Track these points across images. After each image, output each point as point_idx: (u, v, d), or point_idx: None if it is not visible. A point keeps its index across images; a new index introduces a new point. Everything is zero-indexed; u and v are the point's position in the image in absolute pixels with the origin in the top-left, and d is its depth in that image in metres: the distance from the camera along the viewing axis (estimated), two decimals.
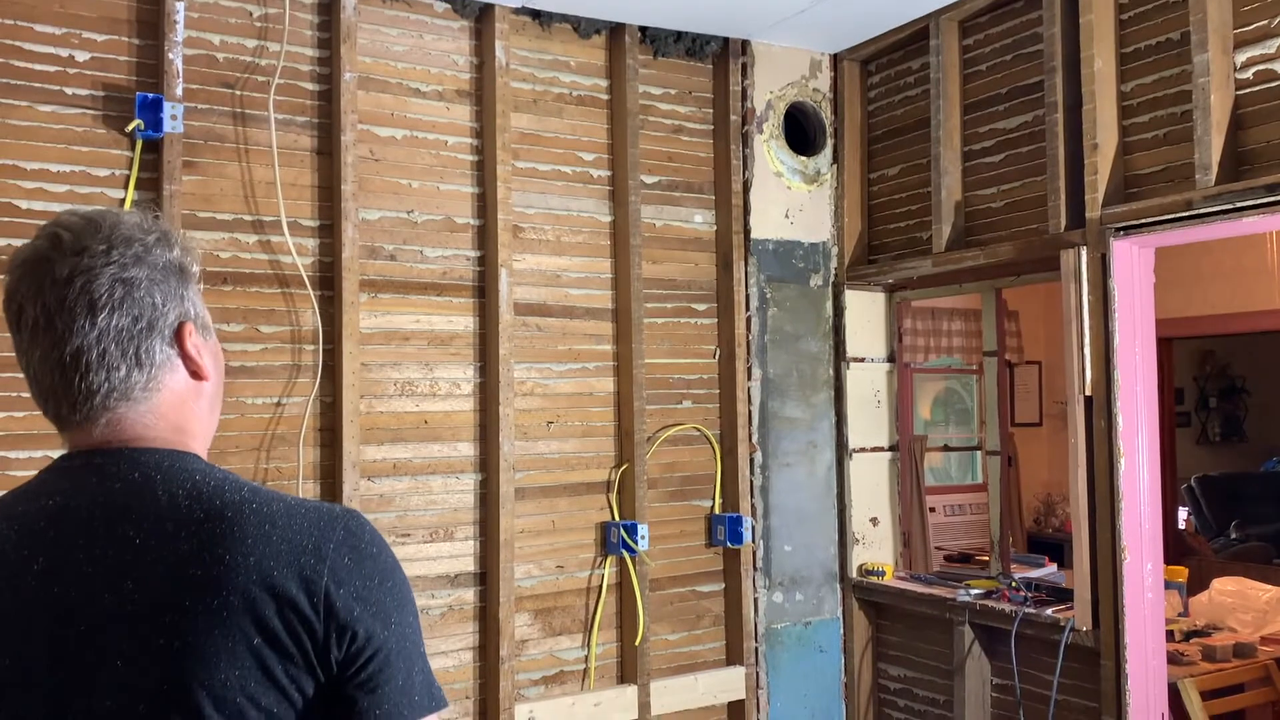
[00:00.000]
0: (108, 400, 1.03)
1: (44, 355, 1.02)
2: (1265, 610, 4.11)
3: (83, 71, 2.78)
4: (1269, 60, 2.63)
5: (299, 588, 0.96)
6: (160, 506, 0.99)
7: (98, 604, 0.96)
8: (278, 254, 2.98)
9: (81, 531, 0.99)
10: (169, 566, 0.96)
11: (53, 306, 1.00)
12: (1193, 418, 9.05)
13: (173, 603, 0.95)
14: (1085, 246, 2.94)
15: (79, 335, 1.00)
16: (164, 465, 1.02)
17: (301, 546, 0.98)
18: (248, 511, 0.99)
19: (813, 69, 3.78)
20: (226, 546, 0.96)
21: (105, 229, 1.03)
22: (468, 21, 3.28)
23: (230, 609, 0.94)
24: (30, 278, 1.02)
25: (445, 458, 3.19)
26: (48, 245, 1.02)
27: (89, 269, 1.01)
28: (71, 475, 1.03)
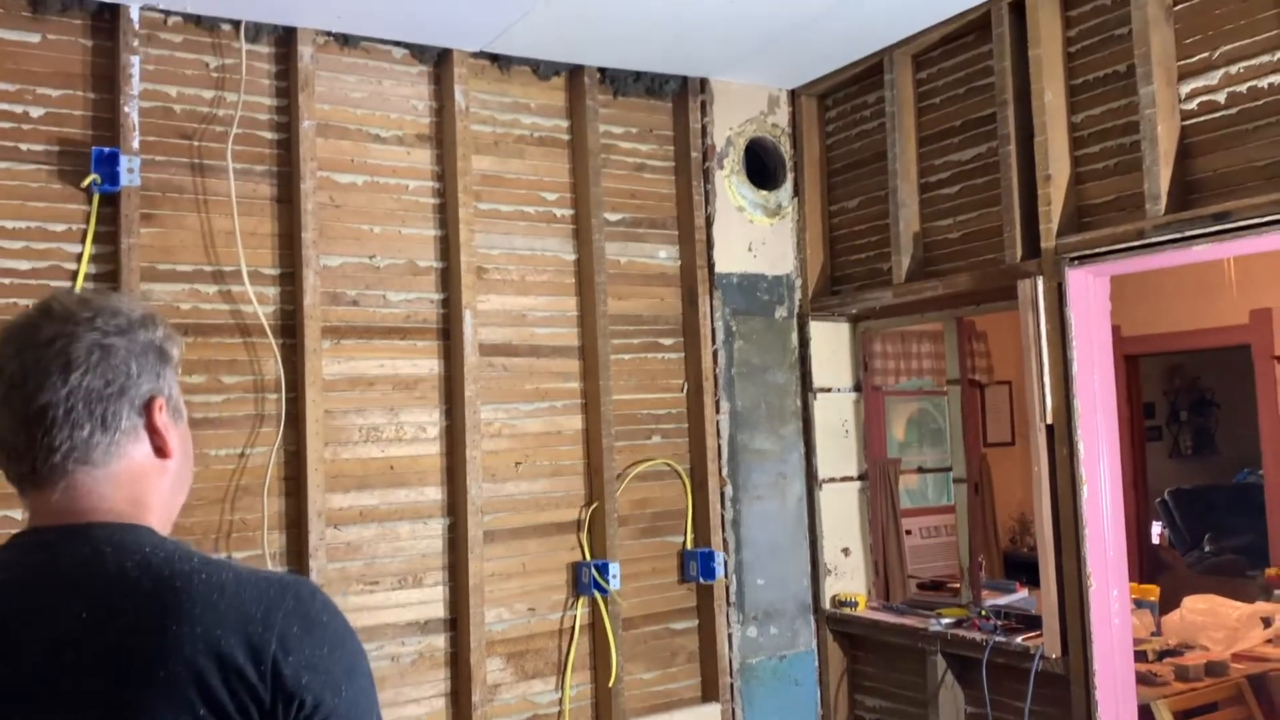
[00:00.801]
0: (67, 461, 1.03)
1: (12, 413, 1.03)
2: (1236, 628, 4.14)
3: (37, 127, 2.77)
4: (1212, 91, 2.68)
5: (245, 656, 0.96)
6: (109, 580, 0.99)
7: (43, 678, 0.96)
8: (239, 303, 2.98)
9: (30, 607, 0.99)
10: (115, 639, 0.96)
11: (29, 365, 1.03)
12: (1164, 431, 9.13)
13: (118, 675, 0.95)
14: (1041, 276, 2.98)
15: (49, 391, 1.02)
16: (114, 539, 1.03)
17: (249, 615, 0.98)
18: (196, 582, 0.99)
19: (771, 105, 3.82)
20: (174, 617, 0.96)
21: (95, 304, 1.07)
22: (426, 67, 3.30)
23: (175, 680, 0.94)
24: (14, 340, 1.05)
25: (412, 503, 3.18)
26: (38, 314, 1.07)
27: (71, 334, 1.04)
28: (26, 553, 1.04)
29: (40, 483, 1.05)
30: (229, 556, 2.92)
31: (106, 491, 1.06)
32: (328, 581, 2.98)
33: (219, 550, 2.91)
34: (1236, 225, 2.55)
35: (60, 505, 1.05)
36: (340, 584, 3.04)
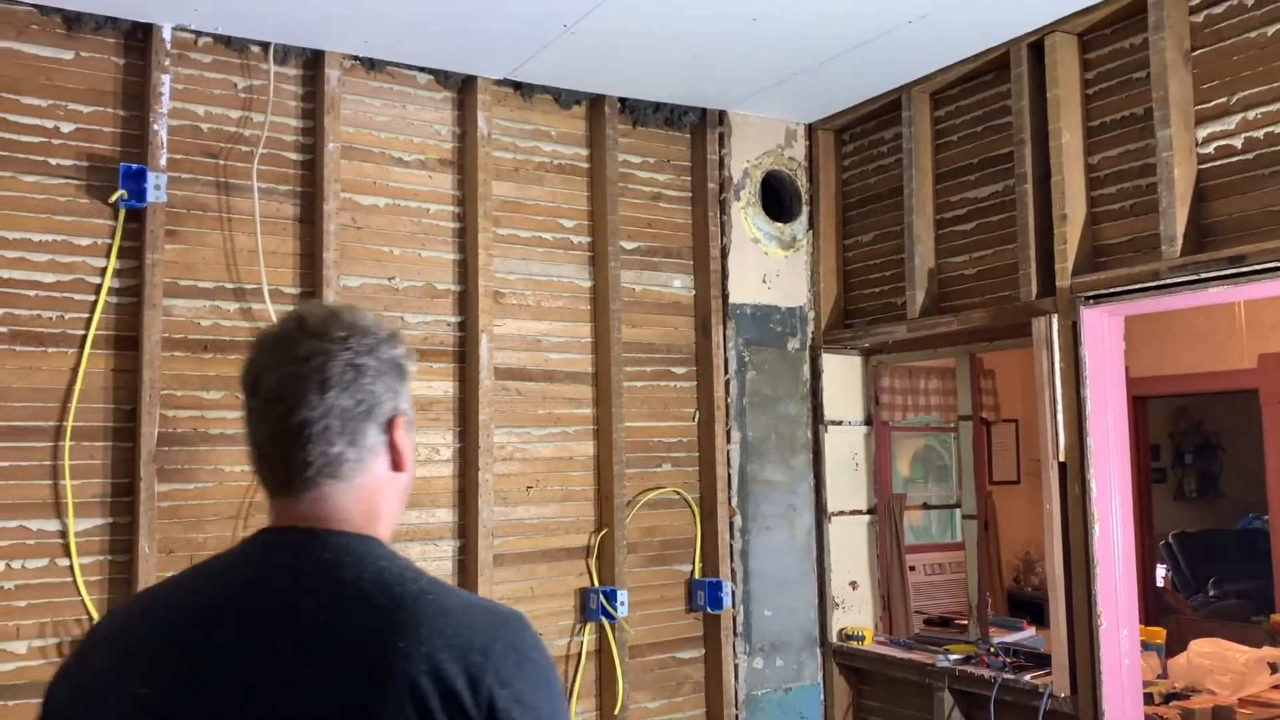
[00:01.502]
0: (319, 476, 1.10)
1: (271, 424, 1.10)
2: (1243, 672, 4.12)
3: (68, 142, 2.81)
4: (1229, 136, 2.71)
5: (464, 683, 0.99)
6: (345, 588, 1.05)
7: (276, 672, 1.01)
8: (258, 321, 3.00)
9: (271, 603, 1.05)
10: (346, 647, 1.01)
11: (287, 380, 1.09)
12: (1169, 474, 9.12)
13: (345, 683, 0.99)
14: (1056, 314, 3.00)
15: (306, 409, 1.08)
16: (352, 548, 1.08)
17: (471, 643, 1.02)
18: (424, 602, 1.04)
19: (788, 138, 3.86)
20: (401, 634, 1.00)
21: (346, 320, 1.13)
22: (450, 92, 3.34)
23: (396, 695, 0.98)
24: (272, 351, 1.11)
25: (423, 524, 3.18)
26: (294, 326, 1.13)
27: (326, 351, 1.09)
28: (268, 549, 1.10)
29: (290, 492, 1.11)
30: None
31: (348, 503, 1.11)
32: None
33: None
34: (1251, 269, 2.57)
35: (305, 513, 1.10)
36: None
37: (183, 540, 2.86)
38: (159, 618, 1.09)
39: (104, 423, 2.79)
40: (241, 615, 1.05)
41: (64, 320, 2.77)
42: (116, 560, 2.77)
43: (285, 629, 1.03)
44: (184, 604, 1.09)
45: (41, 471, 2.71)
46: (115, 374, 2.81)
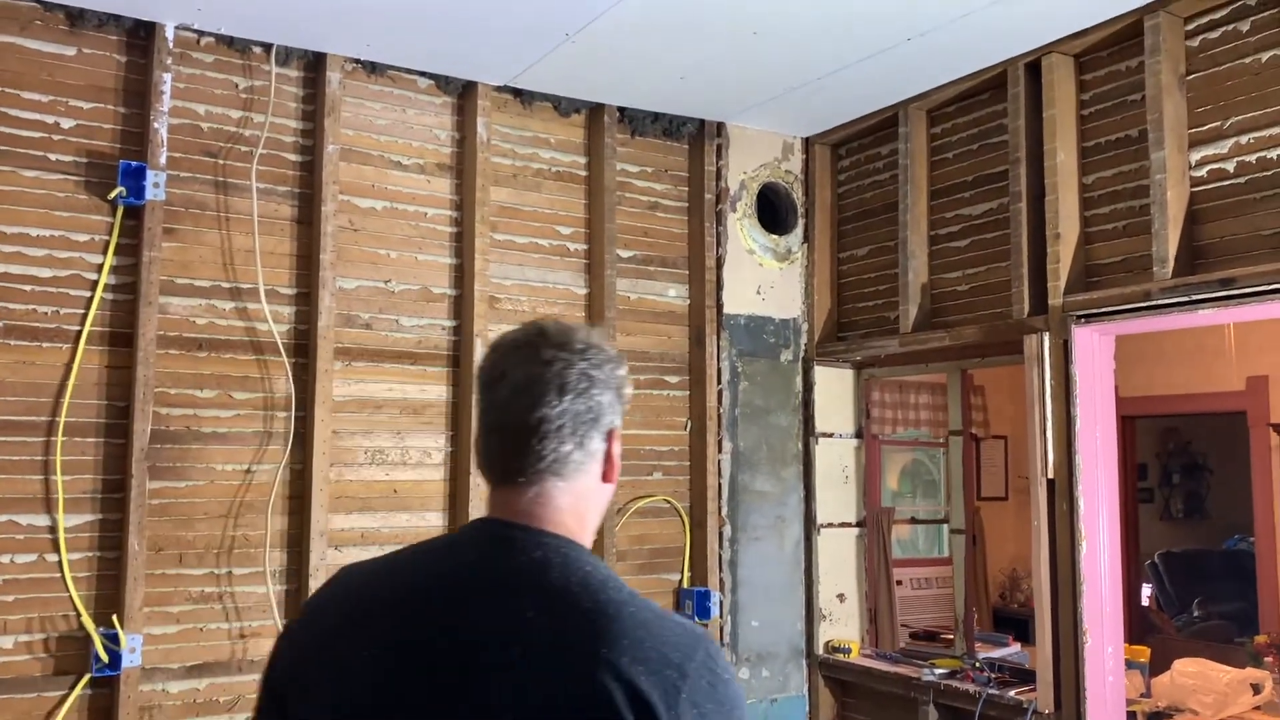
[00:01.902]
0: (547, 470, 1.16)
1: (511, 419, 1.16)
2: (1226, 693, 4.14)
3: (67, 138, 2.81)
4: (1221, 160, 2.74)
5: (659, 696, 1.02)
6: (552, 589, 1.09)
7: (483, 656, 1.06)
8: (254, 321, 3.00)
9: (482, 592, 1.10)
10: (550, 645, 1.05)
11: (533, 378, 1.16)
12: (1156, 494, 9.16)
13: (546, 677, 1.03)
14: (1048, 332, 3.02)
15: (546, 407, 1.15)
16: (563, 551, 1.13)
17: (667, 659, 1.05)
18: (625, 613, 1.07)
19: (785, 151, 3.88)
20: (603, 641, 1.04)
21: (581, 335, 1.21)
22: (450, 98, 3.35)
23: (592, 698, 1.01)
24: (518, 353, 1.18)
25: (414, 528, 3.19)
26: (535, 334, 1.20)
27: (566, 360, 1.17)
28: (486, 540, 1.16)
29: (514, 484, 1.17)
30: (230, 572, 2.92)
31: (566, 503, 1.17)
32: None
33: (220, 566, 2.91)
34: (1242, 292, 2.60)
35: (526, 506, 1.16)
36: None
37: (172, 538, 2.86)
38: (383, 589, 1.16)
39: (96, 419, 2.79)
40: (454, 598, 1.11)
41: (59, 316, 2.77)
42: (105, 557, 2.76)
43: (492, 619, 1.08)
44: (405, 580, 1.16)
45: (32, 466, 2.71)
46: (109, 370, 2.81)
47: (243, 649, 2.92)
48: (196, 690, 2.86)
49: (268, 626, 2.94)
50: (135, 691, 2.73)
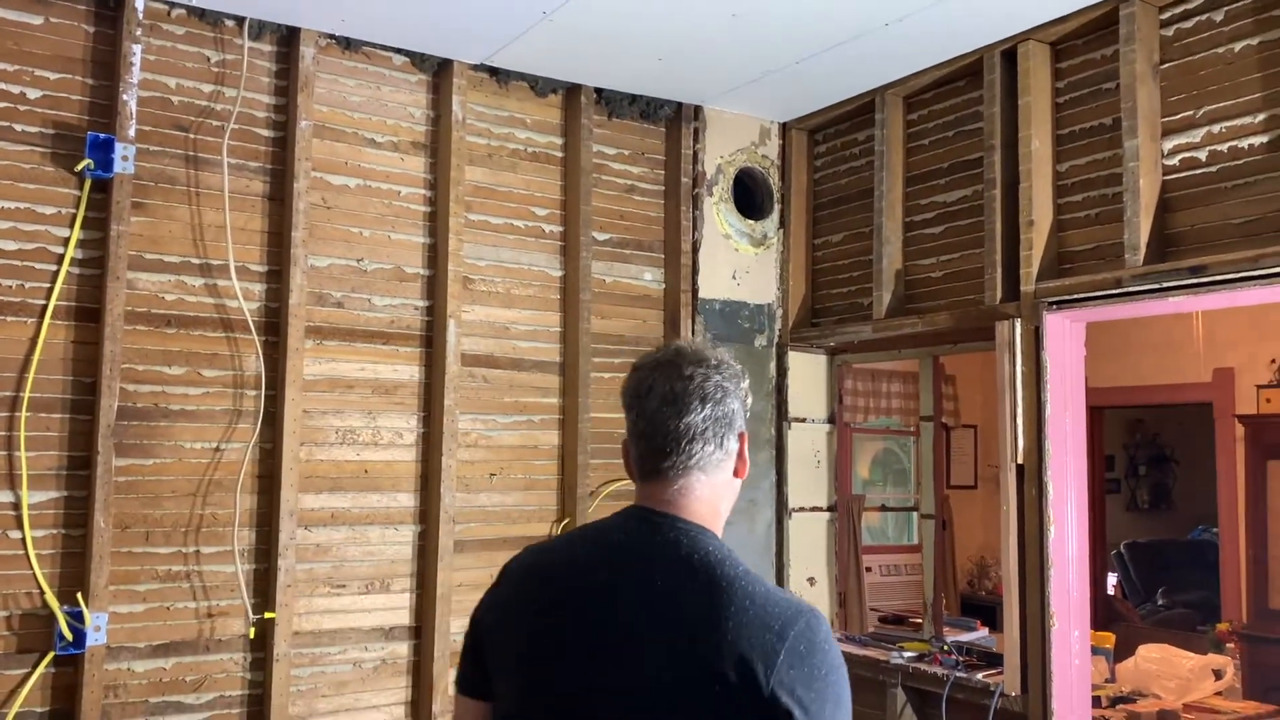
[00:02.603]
0: (694, 467, 1.37)
1: (662, 425, 1.37)
2: (1189, 678, 4.19)
3: (34, 109, 2.76)
4: (1194, 149, 2.76)
5: (759, 657, 1.20)
6: (681, 564, 1.31)
7: (625, 616, 1.29)
8: (224, 298, 2.97)
9: (626, 567, 1.33)
10: (678, 610, 1.26)
11: (680, 391, 1.37)
12: (1123, 485, 9.26)
13: (668, 636, 1.25)
14: (1020, 319, 3.04)
15: (694, 414, 1.37)
16: (692, 534, 1.34)
17: (769, 626, 1.22)
18: (737, 587, 1.26)
19: (762, 136, 3.88)
20: (718, 608, 1.24)
21: (715, 354, 1.43)
22: (426, 75, 3.32)
23: (707, 659, 1.21)
24: (662, 370, 1.40)
25: (384, 508, 3.17)
26: (674, 353, 1.42)
27: (705, 375, 1.39)
28: (635, 523, 1.38)
29: (664, 478, 1.37)
30: (198, 551, 2.90)
31: (704, 495, 1.38)
32: (294, 582, 2.96)
33: (187, 545, 2.88)
34: (1212, 279, 2.62)
35: (671, 497, 1.37)
36: (307, 585, 3.02)
37: (139, 516, 2.82)
38: (550, 562, 1.42)
39: (62, 395, 2.75)
40: (611, 567, 1.34)
41: (24, 289, 2.73)
42: (70, 534, 2.73)
43: (630, 586, 1.31)
44: (572, 554, 1.41)
45: None
46: (75, 346, 2.77)
47: (210, 628, 2.89)
48: (163, 669, 2.83)
49: (235, 606, 2.92)
50: (100, 670, 2.70)
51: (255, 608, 2.92)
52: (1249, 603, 6.01)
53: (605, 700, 1.27)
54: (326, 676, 3.04)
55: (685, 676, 1.21)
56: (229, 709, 2.91)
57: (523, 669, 1.36)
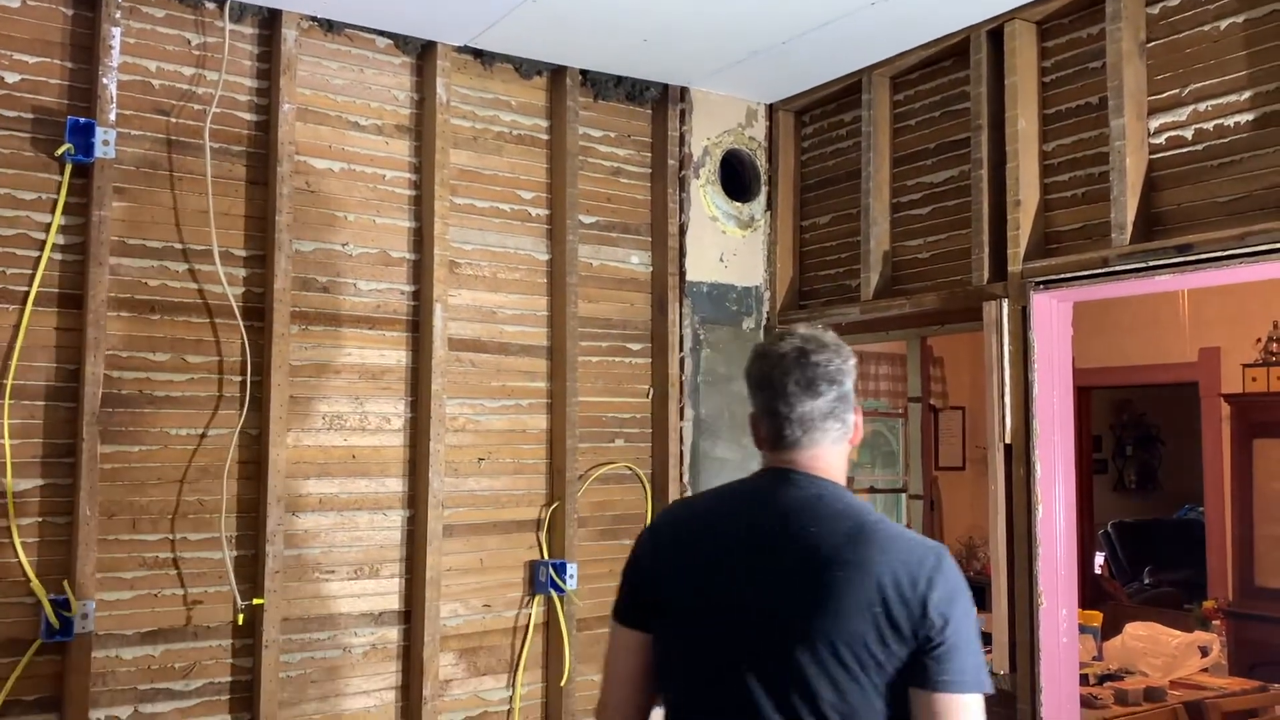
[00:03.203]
0: (823, 439, 1.63)
1: (794, 406, 1.62)
2: (1175, 655, 4.24)
3: (12, 93, 2.73)
4: (1180, 127, 2.76)
5: (909, 583, 1.50)
6: (828, 511, 1.59)
7: (787, 559, 1.55)
8: (207, 284, 2.95)
9: (782, 515, 1.59)
10: (832, 550, 1.53)
11: (810, 377, 1.62)
12: (1110, 465, 9.32)
13: (831, 573, 1.51)
14: (1007, 299, 3.04)
15: (823, 397, 1.63)
16: (828, 488, 1.62)
17: (910, 559, 1.52)
18: (879, 529, 1.56)
19: (749, 118, 3.87)
20: (866, 547, 1.53)
21: (832, 342, 1.67)
22: (409, 58, 3.30)
23: (866, 586, 1.49)
24: (789, 358, 1.64)
25: (373, 493, 3.16)
26: (800, 340, 1.66)
27: (827, 361, 1.64)
28: (779, 481, 1.63)
29: (798, 448, 1.63)
30: (185, 538, 2.88)
31: (831, 461, 1.65)
32: (283, 568, 2.96)
33: (174, 532, 2.87)
34: (1198, 258, 2.62)
35: (805, 463, 1.63)
36: (296, 571, 3.01)
37: (125, 503, 2.81)
38: (719, 510, 1.68)
39: (45, 381, 2.73)
40: (759, 516, 1.61)
41: (6, 276, 2.70)
42: (55, 522, 2.71)
43: (794, 535, 1.56)
44: (731, 506, 1.68)
45: None
46: (58, 332, 2.75)
47: (198, 615, 2.88)
48: (151, 656, 2.82)
49: (224, 592, 2.91)
50: (88, 658, 2.69)
51: (243, 594, 2.91)
52: (1235, 580, 6.06)
53: (790, 623, 1.52)
54: (316, 662, 3.04)
55: (853, 602, 1.49)
56: (218, 695, 2.90)
57: (706, 603, 1.59)
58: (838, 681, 1.49)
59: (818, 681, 1.49)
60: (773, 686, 1.51)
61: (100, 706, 2.74)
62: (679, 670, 1.62)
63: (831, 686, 1.49)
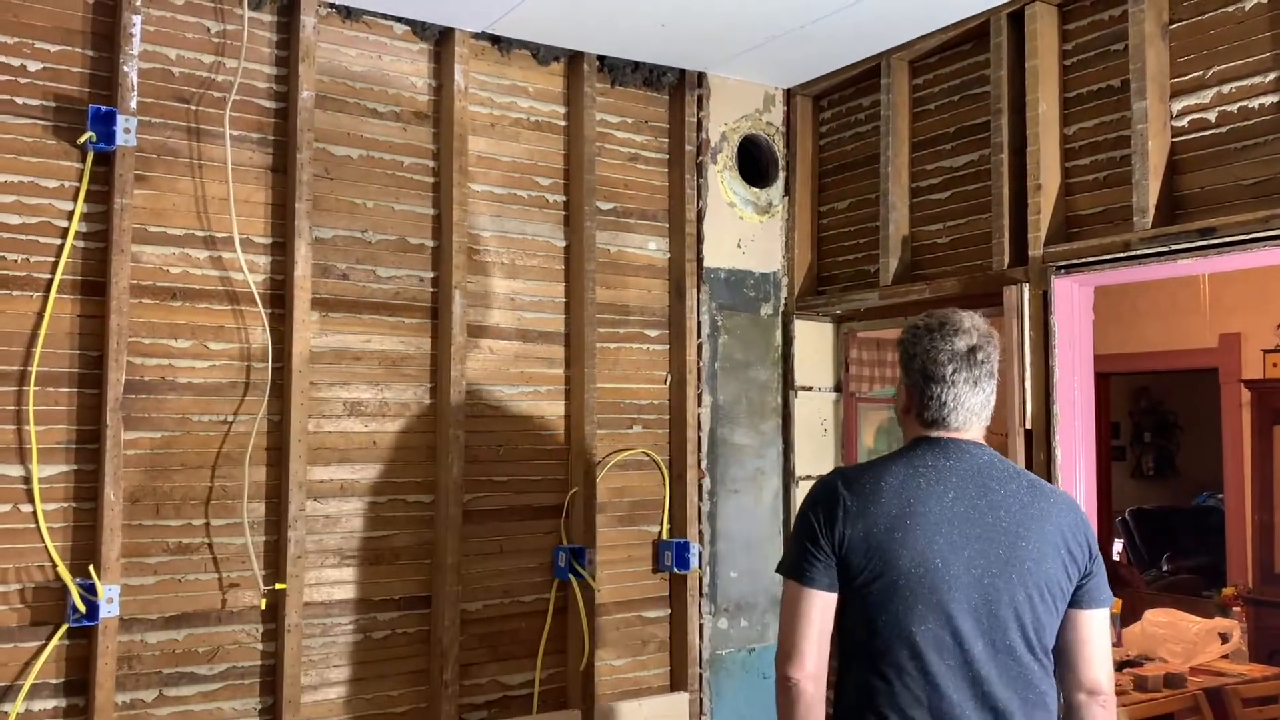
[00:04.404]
0: (981, 420, 1.91)
1: (962, 390, 1.87)
2: (1195, 641, 4.22)
3: (34, 82, 2.75)
4: (1203, 109, 2.74)
5: (1080, 531, 1.87)
6: (1003, 473, 1.88)
7: (989, 515, 1.82)
8: (229, 270, 2.96)
9: (969, 478, 1.85)
10: (1020, 506, 1.84)
11: (978, 376, 1.89)
12: (1127, 452, 9.27)
13: (1024, 526, 1.82)
14: (1027, 283, 3.03)
15: (983, 392, 1.90)
16: (992, 454, 1.90)
17: (1070, 505, 1.90)
18: (1044, 486, 1.90)
19: (766, 102, 3.85)
20: (1043, 500, 1.86)
21: (990, 333, 1.93)
22: (427, 44, 3.30)
23: (1050, 533, 1.83)
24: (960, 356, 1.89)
25: (393, 479, 3.17)
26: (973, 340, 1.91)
27: (988, 358, 1.91)
28: (948, 450, 1.88)
29: (955, 428, 1.89)
30: (208, 523, 2.91)
31: (980, 434, 1.92)
32: (304, 553, 2.97)
33: (197, 517, 2.89)
34: (1221, 241, 2.61)
35: (963, 437, 1.90)
36: (317, 556, 3.03)
37: (149, 489, 2.83)
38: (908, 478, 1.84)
39: (69, 369, 2.75)
40: (960, 477, 1.85)
41: (29, 264, 2.72)
42: (81, 508, 2.74)
43: (981, 493, 1.83)
44: (915, 474, 1.85)
45: (4, 416, 2.67)
46: (81, 320, 2.77)
47: (221, 600, 2.91)
48: (176, 641, 2.85)
49: (246, 577, 2.93)
50: (113, 642, 2.71)
51: (266, 579, 2.94)
52: (1255, 567, 6.03)
53: (1002, 569, 1.78)
54: (338, 646, 3.06)
55: (1048, 547, 1.81)
56: (242, 679, 2.93)
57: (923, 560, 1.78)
58: (1038, 614, 1.80)
59: (1024, 615, 1.78)
60: (984, 625, 1.77)
61: (126, 690, 2.77)
62: (892, 619, 1.78)
63: (1033, 617, 1.79)
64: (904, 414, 1.94)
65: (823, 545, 1.80)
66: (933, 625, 1.76)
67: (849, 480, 1.84)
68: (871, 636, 1.79)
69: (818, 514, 1.82)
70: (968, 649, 1.76)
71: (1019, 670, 1.78)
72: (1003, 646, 1.77)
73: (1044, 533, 1.80)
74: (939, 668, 1.76)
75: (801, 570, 1.81)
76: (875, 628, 1.78)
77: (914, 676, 1.76)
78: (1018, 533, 1.79)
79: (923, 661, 1.76)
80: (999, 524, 1.80)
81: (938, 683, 1.75)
